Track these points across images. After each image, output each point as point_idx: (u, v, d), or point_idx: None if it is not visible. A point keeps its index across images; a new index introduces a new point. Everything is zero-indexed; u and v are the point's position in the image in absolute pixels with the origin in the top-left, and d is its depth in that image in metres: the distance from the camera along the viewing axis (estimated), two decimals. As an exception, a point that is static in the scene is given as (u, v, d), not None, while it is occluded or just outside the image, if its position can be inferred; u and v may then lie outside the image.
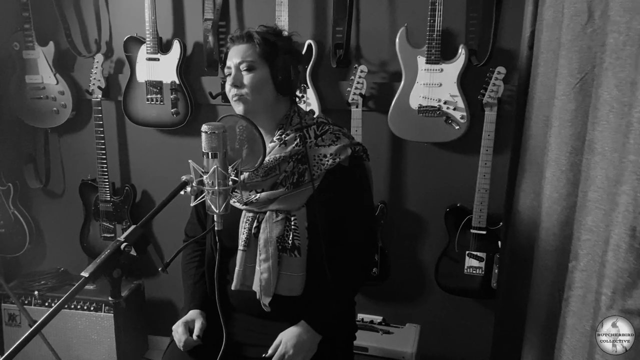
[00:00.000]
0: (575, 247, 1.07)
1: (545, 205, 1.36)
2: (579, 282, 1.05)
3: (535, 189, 1.51)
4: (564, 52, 1.22)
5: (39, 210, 2.90)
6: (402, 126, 2.30)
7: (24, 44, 2.55)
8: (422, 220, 2.48)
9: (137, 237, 1.21)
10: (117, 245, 1.19)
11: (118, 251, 1.18)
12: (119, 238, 1.21)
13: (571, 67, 1.20)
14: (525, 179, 1.60)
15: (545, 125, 1.40)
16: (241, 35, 1.53)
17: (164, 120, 2.52)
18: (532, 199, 1.53)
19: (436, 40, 2.17)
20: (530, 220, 1.55)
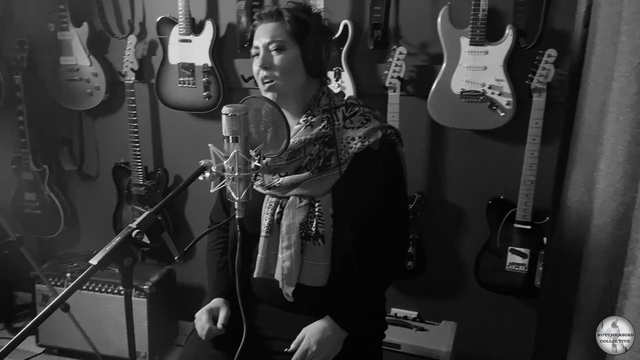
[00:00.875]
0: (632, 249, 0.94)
1: (598, 201, 1.21)
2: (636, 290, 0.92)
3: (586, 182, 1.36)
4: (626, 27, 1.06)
5: (74, 192, 2.90)
6: (442, 112, 2.17)
7: (59, 25, 2.54)
8: (462, 212, 2.35)
9: (151, 223, 1.15)
10: (128, 232, 1.13)
11: (129, 238, 1.12)
12: (131, 225, 1.14)
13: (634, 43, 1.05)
14: (576, 170, 1.45)
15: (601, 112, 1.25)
16: (270, 13, 1.43)
17: (196, 103, 2.46)
18: (582, 193, 1.39)
19: (481, 20, 2.03)
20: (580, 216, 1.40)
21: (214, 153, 1.30)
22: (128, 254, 1.12)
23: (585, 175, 1.37)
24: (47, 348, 2.69)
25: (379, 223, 1.47)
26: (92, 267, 1.07)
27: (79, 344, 2.53)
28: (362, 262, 1.45)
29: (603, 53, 1.26)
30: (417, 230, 2.31)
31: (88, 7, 2.55)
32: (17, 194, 2.83)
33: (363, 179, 1.43)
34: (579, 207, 1.40)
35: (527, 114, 2.04)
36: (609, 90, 1.16)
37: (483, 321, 2.40)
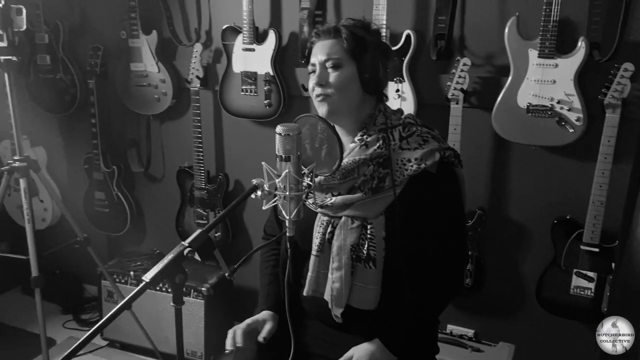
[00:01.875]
0: None
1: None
2: None
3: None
4: None
5: (140, 193, 3.02)
6: (507, 126, 2.09)
7: (129, 33, 2.64)
8: (525, 230, 2.25)
9: (202, 242, 1.17)
10: (180, 250, 1.15)
11: (181, 256, 1.14)
12: (183, 242, 1.16)
13: None
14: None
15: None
16: (328, 30, 1.42)
17: (257, 111, 2.50)
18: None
19: (551, 32, 1.93)
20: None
21: (267, 171, 1.31)
22: (179, 271, 1.15)
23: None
24: (111, 342, 2.81)
25: (434, 249, 1.43)
26: (145, 284, 1.10)
27: (139, 339, 2.64)
28: (414, 287, 1.42)
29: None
30: (476, 246, 2.24)
31: (157, 15, 2.64)
32: (88, 192, 2.98)
33: (418, 203, 1.40)
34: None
35: (599, 130, 1.94)
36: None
37: (543, 345, 2.30)
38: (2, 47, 1.92)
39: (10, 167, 2.13)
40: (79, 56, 2.84)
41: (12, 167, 2.13)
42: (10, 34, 1.91)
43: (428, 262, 1.43)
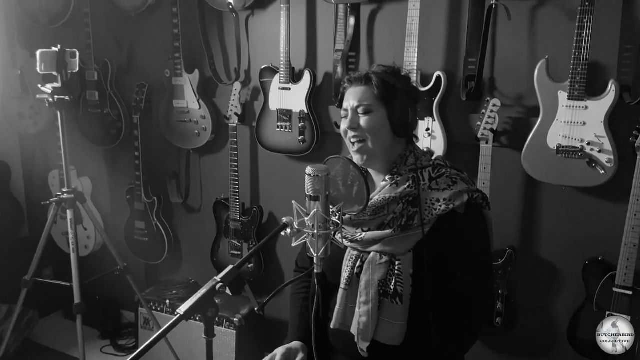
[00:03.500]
0: None
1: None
2: None
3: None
4: None
5: (178, 223, 3.13)
6: (537, 166, 2.11)
7: (173, 71, 2.78)
8: (556, 270, 2.24)
9: (233, 277, 1.23)
10: (212, 285, 1.22)
11: (213, 291, 1.21)
12: (216, 278, 1.23)
13: None
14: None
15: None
16: (359, 77, 1.50)
17: (291, 147, 2.58)
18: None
19: (581, 75, 1.96)
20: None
21: (297, 209, 1.37)
22: (211, 305, 1.21)
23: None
24: (145, 368, 2.88)
25: (459, 287, 1.46)
26: (179, 317, 1.17)
27: (173, 367, 2.71)
28: (441, 325, 1.44)
29: None
30: (507, 285, 2.24)
31: (200, 56, 2.78)
32: (129, 222, 3.11)
33: (446, 242, 1.43)
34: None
35: (630, 172, 1.93)
36: None
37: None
38: (57, 88, 2.07)
39: (58, 198, 2.27)
40: (125, 92, 3.01)
41: (61, 199, 2.27)
42: (64, 75, 2.07)
43: (453, 301, 1.46)
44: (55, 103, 2.10)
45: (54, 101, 2.09)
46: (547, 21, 2.06)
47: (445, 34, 2.24)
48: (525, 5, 2.08)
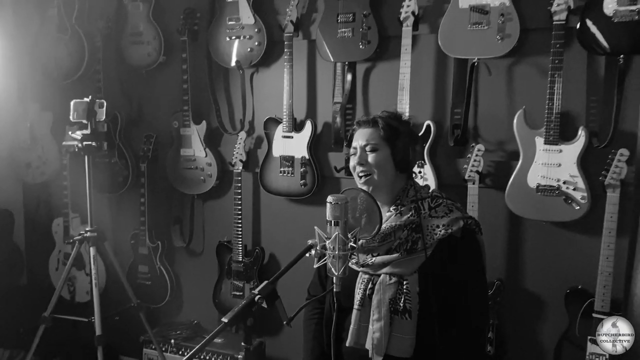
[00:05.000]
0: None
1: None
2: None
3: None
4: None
5: (180, 266, 3.26)
6: (519, 204, 2.34)
7: (182, 123, 3.00)
8: (540, 300, 2.44)
9: (269, 291, 1.40)
10: (251, 297, 1.38)
11: (252, 302, 1.37)
12: (254, 291, 1.40)
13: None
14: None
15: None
16: (367, 121, 1.73)
17: (293, 190, 2.79)
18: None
19: (555, 122, 2.23)
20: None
21: (319, 234, 1.56)
22: (250, 315, 1.37)
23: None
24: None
25: (461, 302, 1.65)
26: (223, 324, 1.33)
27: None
28: (446, 337, 1.62)
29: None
30: (496, 315, 2.42)
31: (207, 108, 3.02)
32: (132, 266, 3.22)
33: (446, 262, 1.63)
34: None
35: (602, 207, 2.17)
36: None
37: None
38: (86, 134, 2.26)
39: (82, 236, 2.41)
40: (133, 142, 3.20)
41: (84, 237, 2.41)
42: (93, 123, 2.27)
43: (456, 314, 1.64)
44: (84, 148, 2.29)
45: (82, 146, 2.28)
46: (522, 76, 2.36)
47: (433, 88, 2.52)
48: (502, 63, 2.37)
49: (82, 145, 2.29)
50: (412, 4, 2.41)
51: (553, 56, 2.19)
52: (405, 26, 2.42)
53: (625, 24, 2.09)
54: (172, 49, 3.02)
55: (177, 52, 2.97)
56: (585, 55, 2.24)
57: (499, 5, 2.27)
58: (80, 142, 2.29)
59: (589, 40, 2.18)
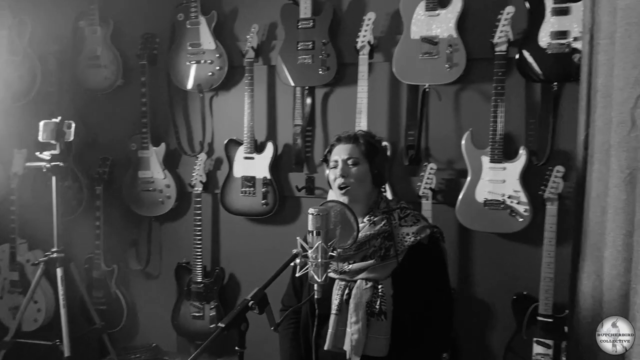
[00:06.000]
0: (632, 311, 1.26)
1: (606, 281, 1.55)
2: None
3: (597, 270, 1.70)
4: (614, 152, 1.47)
5: (137, 289, 3.23)
6: (469, 217, 2.54)
7: (139, 145, 3.02)
8: (490, 307, 2.64)
9: (260, 297, 1.49)
10: (245, 302, 1.46)
11: (246, 307, 1.45)
12: (246, 297, 1.48)
13: (620, 164, 1.45)
14: (587, 262, 1.79)
15: (602, 214, 1.63)
16: (349, 137, 1.88)
17: (254, 210, 2.87)
18: (594, 280, 1.72)
19: (498, 143, 2.46)
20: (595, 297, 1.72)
21: (300, 244, 1.66)
22: (244, 320, 1.45)
23: (595, 265, 1.70)
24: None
25: (430, 303, 1.80)
26: (220, 329, 1.40)
27: None
28: (417, 335, 1.76)
29: (600, 170, 1.66)
30: (450, 323, 2.58)
31: (166, 130, 3.06)
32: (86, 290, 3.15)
33: (416, 267, 1.78)
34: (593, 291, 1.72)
35: (543, 219, 2.40)
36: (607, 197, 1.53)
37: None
38: (55, 155, 2.26)
39: (48, 258, 2.37)
40: (88, 165, 3.17)
41: (50, 258, 2.37)
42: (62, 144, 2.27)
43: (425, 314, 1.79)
44: (52, 169, 2.28)
45: (50, 167, 2.27)
46: (469, 101, 2.59)
47: (388, 112, 2.70)
48: (451, 89, 2.60)
49: (50, 166, 2.28)
50: (367, 34, 2.59)
51: (495, 83, 2.43)
52: (361, 54, 2.60)
53: (557, 55, 2.36)
54: (131, 73, 3.06)
55: (136, 76, 3.01)
56: (523, 83, 2.49)
57: (447, 37, 2.49)
58: (48, 163, 2.28)
59: (527, 69, 2.44)
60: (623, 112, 1.44)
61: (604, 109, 1.61)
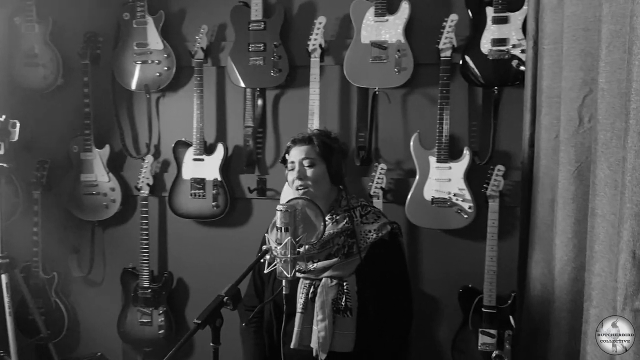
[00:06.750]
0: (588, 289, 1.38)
1: (558, 267, 1.68)
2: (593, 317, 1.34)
3: (545, 257, 1.83)
4: (563, 147, 1.61)
5: (79, 297, 3.10)
6: (417, 215, 2.65)
7: (82, 147, 2.91)
8: (437, 301, 2.75)
9: (234, 292, 1.49)
10: (220, 298, 1.46)
11: (221, 303, 1.45)
12: (220, 293, 1.48)
13: (569, 157, 1.59)
14: (536, 251, 1.93)
15: (549, 206, 1.76)
16: (303, 138, 1.91)
17: (204, 212, 2.84)
18: (542, 267, 1.85)
19: (444, 143, 2.58)
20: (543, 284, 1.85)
21: (269, 240, 1.68)
22: (219, 316, 1.45)
23: (544, 253, 1.84)
24: None
25: (392, 296, 1.86)
26: (197, 325, 1.39)
27: None
28: (381, 329, 1.82)
29: (547, 164, 1.79)
30: (400, 318, 2.67)
31: (110, 132, 2.97)
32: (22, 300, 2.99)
33: (378, 262, 1.84)
34: (542, 278, 1.86)
35: (486, 215, 2.54)
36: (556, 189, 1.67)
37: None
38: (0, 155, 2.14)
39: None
40: (24, 169, 3.01)
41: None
42: (6, 144, 2.15)
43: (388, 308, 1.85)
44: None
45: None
46: (416, 104, 2.70)
47: (339, 113, 2.77)
48: (400, 92, 2.70)
49: (-6, 167, 2.16)
50: (319, 38, 2.65)
51: (441, 87, 2.55)
52: (313, 57, 2.65)
53: (497, 61, 2.52)
54: (72, 72, 2.95)
55: (77, 75, 2.90)
56: (466, 87, 2.63)
57: (396, 42, 2.59)
58: (-8, 164, 2.16)
59: (469, 74, 2.58)
60: (571, 111, 1.57)
61: (549, 109, 1.75)
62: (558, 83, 1.68)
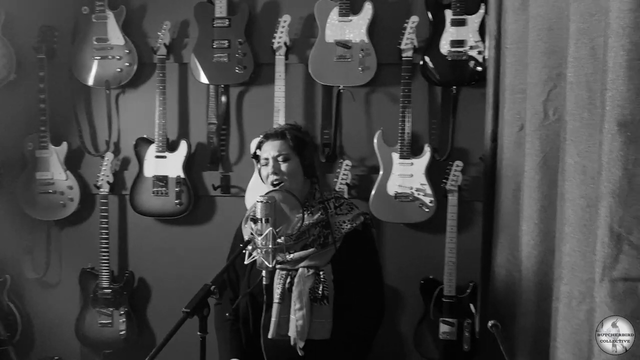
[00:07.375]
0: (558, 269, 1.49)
1: (524, 252, 1.79)
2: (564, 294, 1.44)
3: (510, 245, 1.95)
4: (529, 139, 1.72)
5: (32, 300, 2.99)
6: (381, 210, 2.72)
7: (37, 144, 2.82)
8: (400, 292, 2.84)
9: (221, 282, 1.51)
10: (207, 288, 1.47)
11: (208, 292, 1.47)
12: (207, 283, 1.49)
13: (535, 148, 1.70)
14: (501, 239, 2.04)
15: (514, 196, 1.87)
16: (276, 133, 1.94)
17: (167, 210, 2.81)
18: (507, 254, 1.97)
19: (406, 140, 2.67)
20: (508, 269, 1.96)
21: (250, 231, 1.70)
22: (206, 305, 1.46)
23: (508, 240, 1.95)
24: None
25: (365, 283, 1.93)
26: (186, 314, 1.40)
27: None
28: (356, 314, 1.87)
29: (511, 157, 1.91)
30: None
31: (68, 127, 2.89)
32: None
33: (352, 252, 1.91)
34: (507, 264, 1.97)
35: (445, 209, 2.65)
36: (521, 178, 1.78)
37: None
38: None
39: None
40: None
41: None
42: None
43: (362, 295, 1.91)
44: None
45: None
46: (380, 102, 2.78)
47: (304, 111, 2.81)
48: (363, 91, 2.77)
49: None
50: (283, 36, 2.68)
51: (403, 86, 2.64)
52: (278, 55, 2.69)
53: (455, 62, 2.63)
54: (26, 67, 2.84)
55: (32, 70, 2.81)
56: (427, 86, 2.74)
57: (360, 42, 2.66)
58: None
59: (429, 74, 2.69)
60: (537, 105, 1.69)
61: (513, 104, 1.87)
62: (521, 80, 1.79)
